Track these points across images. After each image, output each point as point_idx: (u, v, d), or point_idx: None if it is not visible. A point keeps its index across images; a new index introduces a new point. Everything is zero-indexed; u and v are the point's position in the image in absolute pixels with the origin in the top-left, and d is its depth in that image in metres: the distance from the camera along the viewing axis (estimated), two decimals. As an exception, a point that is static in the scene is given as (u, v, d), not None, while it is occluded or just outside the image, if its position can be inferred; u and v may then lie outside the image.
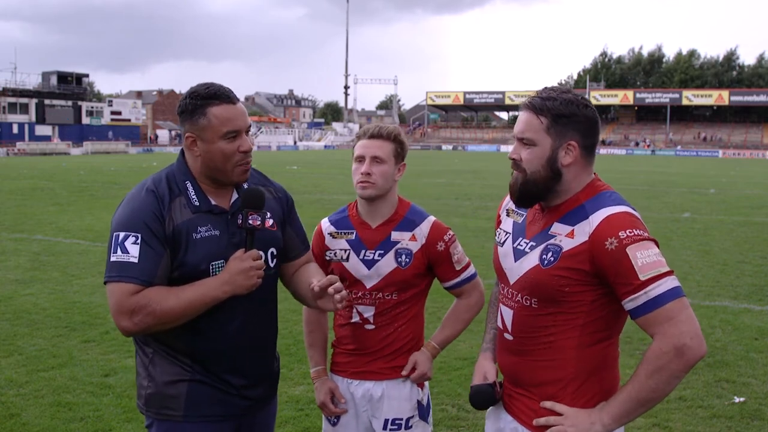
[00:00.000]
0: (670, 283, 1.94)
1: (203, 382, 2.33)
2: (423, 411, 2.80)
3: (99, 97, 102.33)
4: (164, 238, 2.21)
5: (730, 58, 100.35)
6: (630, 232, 1.97)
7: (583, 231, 2.03)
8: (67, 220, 14.83)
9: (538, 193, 2.14)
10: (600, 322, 2.09)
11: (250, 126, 2.37)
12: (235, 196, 2.39)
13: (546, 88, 2.16)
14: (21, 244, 11.65)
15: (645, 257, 1.94)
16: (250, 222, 2.25)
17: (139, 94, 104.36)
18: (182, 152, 2.39)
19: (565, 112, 2.08)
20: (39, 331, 6.66)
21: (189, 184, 2.32)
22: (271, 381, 2.57)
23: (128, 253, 2.16)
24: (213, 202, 2.34)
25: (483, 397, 2.32)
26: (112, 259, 2.18)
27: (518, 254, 2.20)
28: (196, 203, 2.30)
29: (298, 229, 2.60)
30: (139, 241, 2.17)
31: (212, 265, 2.27)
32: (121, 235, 2.19)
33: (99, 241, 11.98)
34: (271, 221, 2.41)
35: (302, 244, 2.61)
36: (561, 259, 2.05)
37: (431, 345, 2.81)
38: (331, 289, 2.28)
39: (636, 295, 1.95)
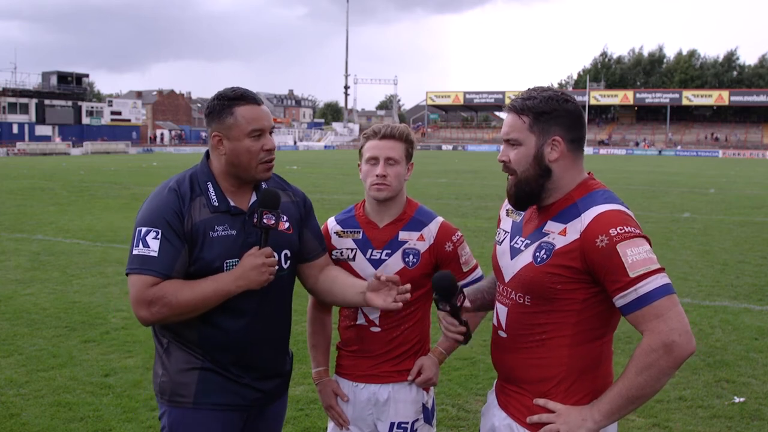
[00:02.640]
0: (660, 280, 1.96)
1: (214, 370, 2.41)
2: (428, 415, 2.79)
3: (99, 97, 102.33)
4: (183, 235, 2.32)
5: (730, 58, 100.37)
6: (621, 230, 1.99)
7: (575, 229, 2.05)
8: (67, 220, 14.83)
9: (532, 193, 2.16)
10: (593, 321, 2.11)
11: (273, 127, 2.49)
12: (253, 197, 2.49)
13: (529, 88, 2.20)
14: (21, 244, 11.65)
15: (635, 254, 1.96)
16: (264, 221, 2.34)
17: (139, 94, 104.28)
18: (206, 154, 2.51)
19: (546, 109, 2.11)
20: (39, 331, 6.66)
21: (210, 185, 2.43)
22: (282, 377, 2.64)
23: (149, 247, 2.29)
24: (232, 203, 2.44)
25: (447, 281, 2.23)
26: (134, 252, 2.31)
27: (514, 252, 2.22)
28: (215, 203, 2.40)
29: (316, 231, 2.68)
30: (159, 236, 2.29)
31: (226, 263, 2.36)
32: (143, 230, 2.32)
33: (99, 241, 11.98)
34: (287, 224, 2.52)
35: (320, 246, 2.69)
36: (553, 256, 2.08)
37: (438, 350, 2.79)
38: (394, 279, 2.40)
39: (626, 292, 1.97)
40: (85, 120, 77.51)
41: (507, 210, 2.37)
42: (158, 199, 2.38)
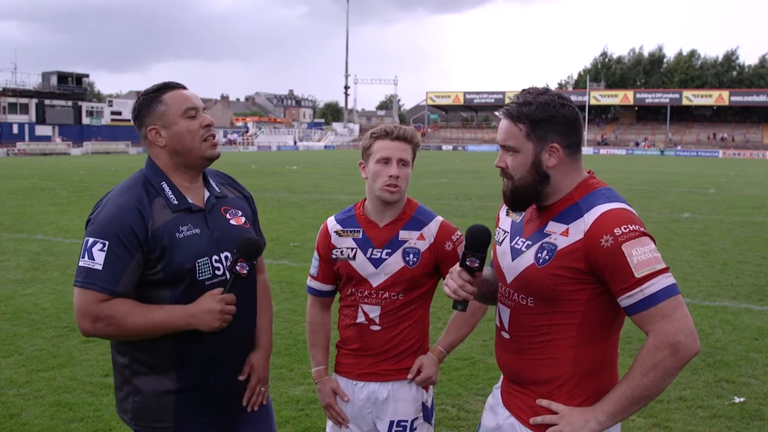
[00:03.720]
0: (666, 281, 1.96)
1: (190, 389, 2.36)
2: (427, 413, 2.79)
3: (99, 97, 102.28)
4: (137, 246, 2.24)
5: (730, 58, 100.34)
6: (625, 229, 1.97)
7: (578, 229, 2.04)
8: (67, 220, 14.83)
9: (528, 197, 2.15)
10: (597, 322, 2.09)
11: (204, 107, 2.44)
12: (207, 194, 2.45)
13: (523, 91, 2.16)
14: (21, 244, 11.65)
15: (640, 254, 1.95)
16: (237, 269, 2.30)
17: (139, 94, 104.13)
18: (149, 156, 2.44)
19: (543, 116, 2.08)
20: (39, 331, 6.66)
21: (164, 185, 2.36)
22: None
23: (93, 259, 2.21)
24: (190, 201, 2.38)
25: (485, 235, 2.15)
26: (80, 263, 2.23)
27: (515, 253, 2.20)
28: (175, 202, 2.34)
29: (259, 231, 2.69)
30: (105, 248, 2.21)
31: (198, 263, 2.31)
32: (90, 240, 2.24)
33: (99, 241, 11.97)
34: (243, 219, 2.51)
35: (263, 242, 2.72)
36: (556, 257, 2.06)
37: (437, 349, 2.80)
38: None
39: (632, 292, 1.96)
40: (85, 120, 77.49)
41: (508, 210, 2.35)
42: (111, 207, 2.28)
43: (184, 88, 2.41)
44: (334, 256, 2.79)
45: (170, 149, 2.36)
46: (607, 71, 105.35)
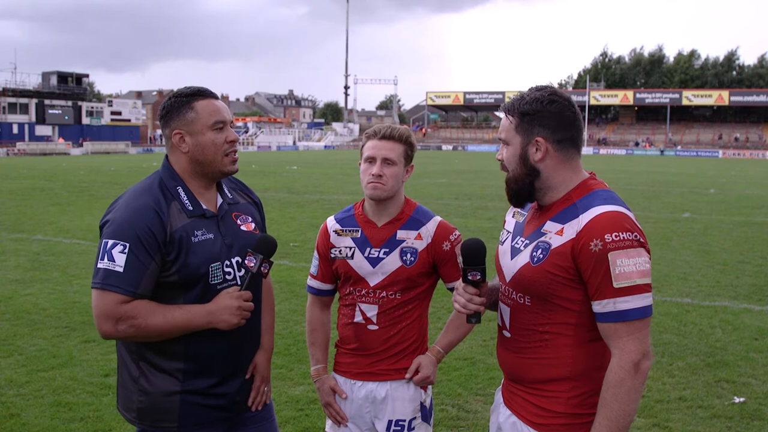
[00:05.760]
0: (641, 301, 1.99)
1: (196, 390, 2.37)
2: (426, 413, 2.80)
3: (99, 97, 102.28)
4: (156, 248, 2.25)
5: (731, 58, 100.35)
6: (616, 236, 1.98)
7: (573, 229, 2.06)
8: (67, 220, 14.83)
9: (520, 191, 2.19)
10: (594, 321, 2.10)
11: (233, 121, 2.48)
12: (220, 199, 2.49)
13: (530, 88, 2.22)
14: (21, 244, 11.65)
15: (624, 265, 1.97)
16: (262, 269, 2.36)
17: (139, 95, 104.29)
18: (167, 158, 2.45)
19: (529, 110, 2.14)
20: (39, 331, 6.66)
21: (180, 190, 2.39)
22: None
23: (114, 261, 2.22)
24: (204, 206, 2.41)
25: (480, 247, 2.18)
26: (99, 265, 2.24)
27: (514, 252, 2.23)
28: (190, 208, 2.37)
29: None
30: (126, 250, 2.22)
31: (211, 267, 2.34)
32: (110, 242, 2.24)
33: (99, 241, 11.97)
34: (252, 225, 2.55)
35: None
36: (550, 256, 2.08)
37: (436, 349, 2.80)
38: None
39: (604, 301, 2.00)
40: (85, 120, 77.47)
41: (514, 212, 2.38)
42: (129, 209, 2.29)
43: (217, 97, 2.44)
44: (333, 255, 2.80)
45: (191, 157, 2.38)
46: (607, 71, 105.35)
